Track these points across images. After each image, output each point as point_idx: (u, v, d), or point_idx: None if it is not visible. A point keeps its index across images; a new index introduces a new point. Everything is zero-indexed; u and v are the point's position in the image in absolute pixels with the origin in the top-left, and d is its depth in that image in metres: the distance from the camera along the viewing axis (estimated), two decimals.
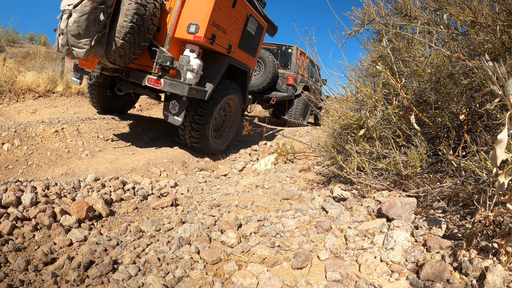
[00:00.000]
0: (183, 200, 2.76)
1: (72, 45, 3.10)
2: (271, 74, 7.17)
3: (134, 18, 3.16)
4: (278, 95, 7.51)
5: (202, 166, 4.04)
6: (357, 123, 2.34)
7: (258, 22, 4.57)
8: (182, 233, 1.74)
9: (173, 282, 1.33)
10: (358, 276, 1.26)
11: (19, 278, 1.44)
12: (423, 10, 2.13)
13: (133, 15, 3.14)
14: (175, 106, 3.60)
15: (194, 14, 3.44)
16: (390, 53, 2.00)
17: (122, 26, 3.17)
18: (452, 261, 1.25)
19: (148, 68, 3.61)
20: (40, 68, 6.69)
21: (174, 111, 3.62)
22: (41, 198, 2.23)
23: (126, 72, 3.74)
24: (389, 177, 2.00)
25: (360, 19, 2.35)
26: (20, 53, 13.79)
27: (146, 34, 3.34)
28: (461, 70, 1.70)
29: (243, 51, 4.45)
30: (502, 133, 0.90)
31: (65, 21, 3.01)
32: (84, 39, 3.08)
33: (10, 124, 4.07)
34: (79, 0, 2.93)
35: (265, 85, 7.28)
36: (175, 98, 3.58)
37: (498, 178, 0.98)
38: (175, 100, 3.60)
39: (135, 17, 3.16)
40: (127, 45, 3.26)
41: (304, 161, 3.71)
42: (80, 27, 3.01)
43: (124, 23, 3.16)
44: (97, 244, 1.81)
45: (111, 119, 5.15)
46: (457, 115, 1.86)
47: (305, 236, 1.59)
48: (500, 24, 1.50)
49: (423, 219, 1.56)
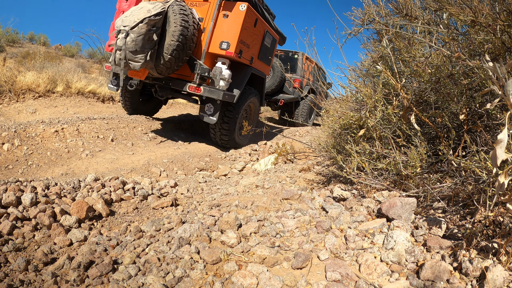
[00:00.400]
0: (183, 200, 2.76)
1: (130, 60, 3.77)
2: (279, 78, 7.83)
3: (180, 38, 3.90)
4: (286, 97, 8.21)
5: (202, 166, 4.04)
6: (357, 123, 2.34)
7: (272, 36, 5.40)
8: (182, 233, 1.74)
9: (173, 282, 1.33)
10: (358, 276, 1.26)
11: (19, 278, 1.44)
12: (424, 10, 2.13)
13: (178, 35, 3.87)
14: (210, 108, 4.36)
15: (225, 34, 4.22)
16: (390, 53, 2.00)
17: (170, 44, 3.88)
18: (452, 261, 1.25)
19: (186, 77, 4.39)
20: (40, 68, 6.69)
21: (210, 112, 4.37)
22: (41, 198, 2.23)
23: (167, 81, 4.49)
24: (389, 177, 2.00)
25: (360, 19, 2.35)
26: (20, 53, 13.78)
27: (187, 50, 4.10)
28: (461, 70, 1.70)
29: (261, 61, 5.22)
30: (502, 133, 0.90)
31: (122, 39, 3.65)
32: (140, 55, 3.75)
33: (10, 124, 4.07)
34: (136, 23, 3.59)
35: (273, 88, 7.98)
36: (210, 101, 4.33)
37: (498, 178, 0.98)
38: (210, 103, 4.34)
39: (180, 37, 3.90)
40: (173, 59, 3.98)
41: (304, 161, 3.71)
42: (137, 45, 3.67)
43: (172, 42, 3.87)
44: (97, 244, 1.81)
45: (111, 119, 5.15)
46: (457, 115, 1.86)
47: (305, 236, 1.59)
48: (501, 24, 1.50)
49: (423, 219, 1.56)
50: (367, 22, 2.32)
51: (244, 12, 4.17)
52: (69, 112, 5.78)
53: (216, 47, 4.28)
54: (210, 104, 4.36)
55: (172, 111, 8.03)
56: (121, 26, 3.69)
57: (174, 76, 4.50)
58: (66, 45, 20.99)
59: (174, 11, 3.90)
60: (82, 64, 16.63)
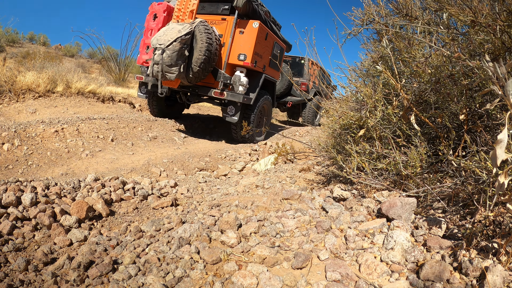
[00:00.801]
0: (183, 200, 2.76)
1: (166, 72, 4.57)
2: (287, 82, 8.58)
3: (206, 52, 4.71)
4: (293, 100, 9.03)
5: (202, 166, 4.04)
6: (357, 123, 2.34)
7: (280, 46, 6.28)
8: (182, 233, 1.74)
9: (173, 282, 1.33)
10: (358, 276, 1.26)
11: (19, 278, 1.44)
12: (424, 10, 2.13)
13: (205, 51, 4.70)
14: (232, 109, 5.21)
15: (242, 47, 5.08)
16: (390, 53, 2.00)
17: (198, 58, 4.69)
18: (452, 261, 1.25)
19: (210, 84, 5.25)
20: (40, 68, 6.69)
21: (231, 113, 5.22)
22: (41, 198, 2.23)
23: (194, 88, 5.34)
24: (389, 177, 2.00)
25: (360, 19, 2.35)
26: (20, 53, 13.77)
27: (212, 62, 4.93)
28: (461, 70, 1.70)
29: (272, 68, 6.10)
30: (502, 133, 0.90)
31: (159, 55, 4.45)
32: (174, 68, 4.55)
33: (10, 124, 4.07)
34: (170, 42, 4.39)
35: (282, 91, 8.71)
36: (232, 104, 5.19)
37: (498, 178, 0.98)
38: (231, 106, 5.19)
39: (206, 52, 4.71)
40: (201, 70, 4.79)
41: (304, 161, 3.71)
42: (172, 59, 4.47)
43: (199, 56, 4.69)
44: (97, 244, 1.81)
45: (111, 119, 5.15)
46: (457, 115, 1.86)
47: (305, 236, 1.59)
48: (501, 24, 1.50)
49: (423, 219, 1.56)
50: (367, 22, 2.32)
51: (257, 29, 5.02)
52: (69, 112, 5.78)
53: (235, 59, 5.12)
54: (231, 106, 5.19)
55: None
56: (157, 44, 4.47)
57: (200, 84, 5.29)
58: (66, 45, 20.98)
59: (200, 30, 4.68)
60: (82, 64, 16.63)
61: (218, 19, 5.20)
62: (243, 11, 4.95)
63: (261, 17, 5.30)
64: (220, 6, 5.22)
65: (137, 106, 8.17)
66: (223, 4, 5.20)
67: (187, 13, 4.90)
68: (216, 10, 5.27)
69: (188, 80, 4.87)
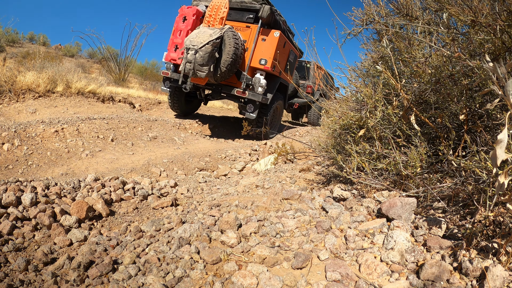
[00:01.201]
0: (183, 200, 2.76)
1: (197, 70, 5.13)
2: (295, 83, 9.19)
3: (233, 55, 5.30)
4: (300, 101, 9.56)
5: (202, 166, 4.04)
6: (357, 123, 2.34)
7: (294, 53, 6.91)
8: (182, 233, 1.74)
9: (173, 282, 1.33)
10: (358, 276, 1.26)
11: (19, 278, 1.44)
12: (424, 10, 2.13)
13: (232, 54, 5.28)
14: (251, 107, 5.80)
15: (263, 53, 5.70)
16: (390, 54, 2.00)
17: (226, 60, 5.29)
18: (452, 261, 1.25)
19: (233, 84, 5.88)
20: (40, 68, 6.68)
21: (250, 110, 5.82)
22: (41, 198, 2.23)
23: (217, 86, 5.92)
24: (389, 177, 2.00)
25: (360, 19, 2.35)
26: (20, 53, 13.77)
27: (237, 64, 5.54)
28: (461, 70, 1.70)
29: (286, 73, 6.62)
30: (502, 133, 0.90)
31: (192, 55, 5.05)
32: (205, 67, 5.12)
33: (10, 124, 4.07)
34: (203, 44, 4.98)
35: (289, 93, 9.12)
36: (251, 102, 5.78)
37: (498, 178, 0.98)
38: (251, 104, 5.79)
39: (233, 55, 5.30)
40: (227, 71, 5.39)
41: (304, 161, 3.70)
42: (204, 60, 5.05)
43: (227, 58, 5.28)
44: (97, 244, 1.81)
45: (111, 119, 5.15)
46: (457, 115, 1.86)
47: (305, 236, 1.59)
48: (501, 24, 1.50)
49: (423, 219, 1.56)
50: (367, 22, 2.32)
51: (277, 37, 5.67)
52: (69, 112, 5.78)
53: (256, 63, 5.73)
54: (250, 104, 5.79)
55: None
56: (190, 45, 5.07)
57: (224, 83, 5.93)
58: (66, 45, 20.98)
59: (228, 35, 5.26)
60: (82, 64, 16.64)
61: (243, 26, 5.86)
62: (266, 21, 5.58)
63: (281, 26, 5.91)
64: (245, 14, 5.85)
65: (137, 106, 8.17)
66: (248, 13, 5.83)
67: (217, 19, 5.51)
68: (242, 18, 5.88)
69: (215, 79, 5.44)
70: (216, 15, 5.48)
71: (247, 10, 5.81)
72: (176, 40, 5.90)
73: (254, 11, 5.75)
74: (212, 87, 5.96)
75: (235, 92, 5.72)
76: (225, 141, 6.07)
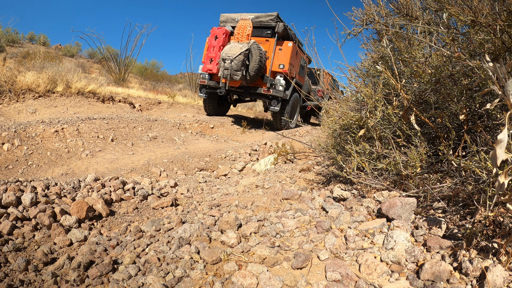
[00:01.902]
0: (183, 200, 2.76)
1: (233, 74, 6.69)
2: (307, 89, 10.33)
3: (259, 63, 6.83)
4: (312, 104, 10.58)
5: (202, 166, 4.04)
6: (357, 123, 2.34)
7: (304, 59, 8.63)
8: (182, 233, 1.74)
9: (173, 282, 1.33)
10: (358, 276, 1.26)
11: (19, 278, 1.44)
12: (424, 10, 2.12)
13: (258, 61, 6.81)
14: (275, 102, 7.37)
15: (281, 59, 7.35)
16: (390, 53, 2.00)
17: (253, 67, 6.81)
18: (452, 261, 1.25)
19: (259, 85, 7.38)
20: (40, 68, 6.68)
21: (274, 105, 7.37)
22: (41, 198, 2.23)
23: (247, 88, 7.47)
24: (389, 177, 2.00)
25: (360, 19, 2.35)
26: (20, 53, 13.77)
27: (262, 69, 7.03)
28: (461, 70, 1.70)
29: (300, 75, 8.39)
30: (502, 133, 0.90)
31: (229, 64, 6.62)
32: (239, 72, 6.67)
33: (10, 124, 4.07)
34: (237, 55, 6.56)
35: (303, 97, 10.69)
36: (275, 98, 7.39)
37: (498, 178, 0.98)
38: (274, 100, 7.39)
39: (259, 62, 6.83)
40: (255, 75, 6.93)
41: (304, 161, 3.70)
42: (238, 66, 6.61)
43: (254, 65, 6.81)
44: (97, 244, 1.81)
45: (111, 119, 5.15)
46: (457, 115, 1.86)
47: (305, 236, 1.59)
48: (501, 24, 1.50)
49: (423, 219, 1.56)
50: (367, 22, 2.32)
51: (291, 47, 7.32)
52: (69, 112, 5.78)
53: (276, 67, 7.36)
54: (274, 100, 7.39)
55: (172, 111, 8.03)
56: (226, 56, 6.69)
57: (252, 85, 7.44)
58: (66, 45, 20.98)
59: (254, 48, 6.87)
60: (82, 64, 16.64)
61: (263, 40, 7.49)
62: (281, 35, 7.27)
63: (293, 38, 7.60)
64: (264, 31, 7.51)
65: (137, 106, 8.17)
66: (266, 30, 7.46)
67: (244, 35, 7.19)
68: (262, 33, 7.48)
69: (246, 82, 7.02)
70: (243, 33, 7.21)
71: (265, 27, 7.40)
72: (211, 54, 7.40)
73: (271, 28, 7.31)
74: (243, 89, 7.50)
75: (261, 91, 7.28)
76: (225, 141, 6.07)
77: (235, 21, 7.52)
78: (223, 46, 7.31)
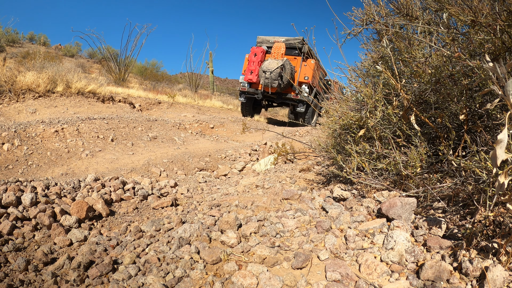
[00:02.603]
0: (183, 200, 2.76)
1: (272, 83, 9.24)
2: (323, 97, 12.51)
3: (290, 75, 9.46)
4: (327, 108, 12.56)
5: (202, 166, 4.04)
6: (357, 123, 2.34)
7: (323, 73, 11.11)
8: (182, 233, 1.74)
9: (173, 282, 1.33)
10: (358, 276, 1.26)
11: (19, 278, 1.44)
12: (424, 10, 2.12)
13: (289, 74, 9.41)
14: (301, 105, 9.82)
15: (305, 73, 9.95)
16: (390, 53, 2.00)
17: (286, 78, 9.27)
18: (452, 261, 1.25)
19: (288, 91, 9.89)
20: (40, 68, 6.68)
21: (301, 107, 9.83)
22: (41, 198, 2.23)
23: (279, 94, 9.95)
24: (389, 177, 2.00)
25: (360, 19, 2.35)
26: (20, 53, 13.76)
27: (291, 80, 9.58)
28: (461, 70, 1.70)
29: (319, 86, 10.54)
30: (502, 133, 0.90)
31: (269, 75, 9.21)
32: (276, 81, 9.20)
33: (10, 124, 4.07)
34: (275, 68, 9.18)
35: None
36: (301, 102, 9.78)
37: (498, 178, 0.98)
38: (301, 103, 9.81)
39: (290, 75, 9.45)
40: (287, 84, 9.52)
41: (304, 161, 3.70)
42: (275, 77, 9.18)
43: (286, 77, 9.25)
44: (97, 244, 1.81)
45: (111, 119, 5.15)
46: (457, 115, 1.86)
47: (305, 236, 1.59)
48: (501, 23, 1.50)
49: (423, 219, 1.56)
50: (367, 22, 2.32)
51: (313, 64, 9.79)
52: (69, 112, 5.78)
53: (302, 78, 9.85)
54: (301, 104, 9.77)
55: (172, 111, 8.03)
56: (266, 69, 9.15)
57: (283, 92, 9.81)
58: (66, 45, 20.98)
59: (286, 63, 9.31)
60: (82, 64, 16.64)
61: (292, 58, 9.94)
62: (306, 54, 9.63)
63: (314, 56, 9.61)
64: (293, 51, 9.95)
65: (137, 106, 8.17)
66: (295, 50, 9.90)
67: (279, 54, 9.70)
68: (291, 53, 9.97)
69: (280, 89, 9.44)
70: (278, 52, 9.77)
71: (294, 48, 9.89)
72: (251, 67, 9.80)
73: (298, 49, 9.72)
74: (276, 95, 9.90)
75: (291, 96, 9.77)
76: (225, 141, 6.07)
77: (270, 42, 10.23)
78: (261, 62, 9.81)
